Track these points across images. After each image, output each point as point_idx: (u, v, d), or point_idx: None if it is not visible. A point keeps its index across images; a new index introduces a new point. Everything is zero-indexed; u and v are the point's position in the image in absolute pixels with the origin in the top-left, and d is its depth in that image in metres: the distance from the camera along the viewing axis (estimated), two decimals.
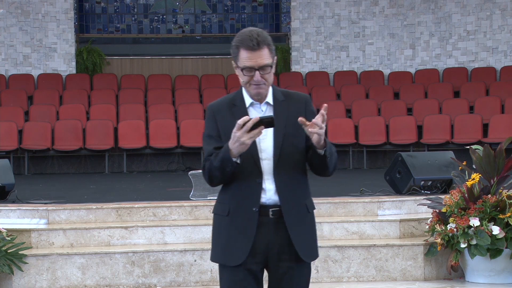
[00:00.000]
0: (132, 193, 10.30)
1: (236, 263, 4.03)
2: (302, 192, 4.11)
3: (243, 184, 4.03)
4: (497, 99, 16.03)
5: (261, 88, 4.03)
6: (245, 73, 4.00)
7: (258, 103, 4.09)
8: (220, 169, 3.98)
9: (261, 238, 4.03)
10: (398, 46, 17.51)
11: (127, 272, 7.46)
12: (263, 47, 3.97)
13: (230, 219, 4.05)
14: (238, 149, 3.90)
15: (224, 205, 4.08)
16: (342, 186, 10.09)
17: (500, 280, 7.44)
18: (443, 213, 7.48)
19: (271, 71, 4.03)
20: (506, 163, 7.49)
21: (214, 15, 18.29)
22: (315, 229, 4.17)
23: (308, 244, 4.10)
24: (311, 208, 4.14)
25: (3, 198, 8.78)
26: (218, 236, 4.11)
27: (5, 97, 16.50)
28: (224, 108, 4.11)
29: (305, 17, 17.64)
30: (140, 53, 18.14)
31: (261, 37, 3.98)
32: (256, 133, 3.86)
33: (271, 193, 4.03)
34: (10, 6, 17.13)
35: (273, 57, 4.03)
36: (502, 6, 17.06)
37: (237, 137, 3.86)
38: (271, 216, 4.03)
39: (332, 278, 7.61)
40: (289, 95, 4.15)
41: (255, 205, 4.01)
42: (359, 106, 16.39)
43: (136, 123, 15.72)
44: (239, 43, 3.99)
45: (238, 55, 4.01)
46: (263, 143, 4.04)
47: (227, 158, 3.94)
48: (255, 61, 3.97)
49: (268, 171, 4.03)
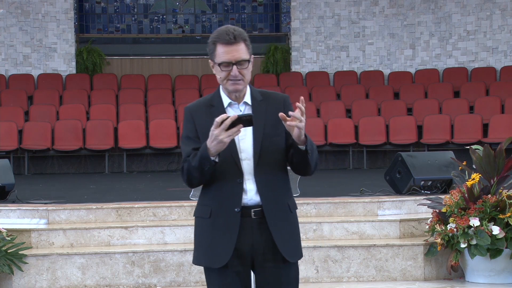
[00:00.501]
0: (132, 193, 10.30)
1: (220, 264, 3.98)
2: (283, 192, 4.07)
3: (223, 185, 3.99)
4: (497, 99, 16.03)
5: (238, 84, 3.98)
6: (222, 68, 3.97)
7: (236, 103, 4.05)
8: (198, 168, 3.93)
9: (245, 239, 3.99)
10: (398, 46, 17.51)
11: (127, 272, 7.46)
12: (240, 41, 3.95)
13: (212, 220, 4.01)
14: (216, 147, 3.85)
15: (205, 207, 4.04)
16: (342, 186, 10.10)
17: (500, 280, 7.44)
18: (443, 213, 7.48)
19: (248, 67, 3.99)
20: (506, 163, 7.49)
21: (214, 15, 18.29)
22: (298, 229, 4.12)
23: (291, 244, 4.06)
24: (293, 208, 4.10)
25: (3, 198, 8.77)
26: (201, 239, 4.07)
27: (5, 97, 16.51)
28: (202, 109, 4.07)
29: (305, 17, 17.64)
30: (140, 53, 18.14)
31: (238, 31, 3.96)
32: (234, 132, 3.82)
33: (252, 193, 4.00)
34: (10, 6, 17.13)
35: (250, 53, 4.01)
36: (502, 6, 17.06)
37: (215, 135, 3.82)
38: (253, 216, 3.99)
39: (332, 278, 7.61)
40: (267, 95, 4.11)
41: (236, 206, 3.97)
42: (359, 106, 16.39)
43: (136, 123, 15.72)
44: (216, 39, 3.97)
45: (214, 51, 3.98)
46: (243, 143, 4.00)
47: (205, 157, 3.88)
48: (232, 55, 3.94)
49: (248, 171, 3.99)
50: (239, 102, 4.05)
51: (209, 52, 4.02)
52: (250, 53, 4.02)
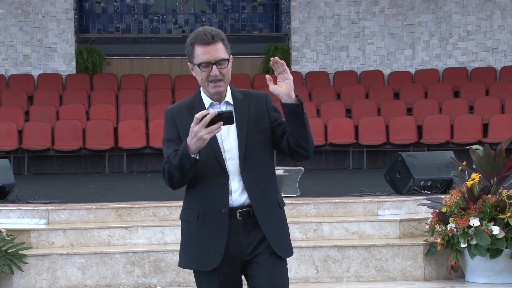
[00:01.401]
0: (132, 193, 10.30)
1: (210, 267, 3.96)
2: (271, 189, 4.05)
3: (208, 187, 3.97)
4: (497, 99, 16.03)
5: (219, 86, 3.97)
6: (202, 69, 3.94)
7: (217, 103, 4.03)
8: (179, 168, 3.88)
9: (233, 240, 3.97)
10: (398, 46, 17.51)
11: (127, 272, 7.46)
12: (218, 41, 3.94)
13: (200, 223, 3.98)
14: (197, 144, 3.81)
15: (192, 210, 4.02)
16: (342, 186, 10.10)
17: (500, 280, 7.44)
18: (443, 213, 7.48)
19: (228, 66, 3.97)
20: (506, 163, 7.49)
21: (214, 15, 18.29)
22: (287, 226, 4.11)
23: (283, 240, 4.05)
24: (282, 204, 4.09)
25: (3, 198, 8.77)
26: (189, 243, 4.03)
27: (5, 97, 16.51)
28: (183, 111, 4.05)
29: (305, 17, 17.64)
30: (140, 53, 18.14)
31: (215, 31, 3.95)
32: (214, 128, 3.78)
33: (237, 194, 3.97)
34: (10, 6, 17.13)
35: (229, 53, 3.99)
36: (502, 6, 17.06)
37: (194, 131, 3.78)
38: (239, 218, 3.97)
39: (332, 278, 7.61)
40: (248, 93, 4.10)
41: (224, 207, 3.95)
42: (359, 106, 16.39)
43: (136, 123, 15.72)
44: (194, 40, 3.95)
45: (193, 52, 3.96)
46: (226, 143, 3.98)
47: (185, 155, 3.84)
48: (211, 55, 3.93)
49: (233, 171, 3.97)
50: (220, 102, 4.03)
51: (188, 54, 4.00)
52: (229, 52, 4.00)
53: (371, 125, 15.68)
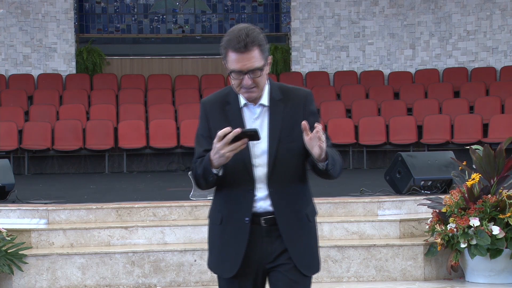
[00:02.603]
0: (132, 193, 10.30)
1: (228, 275, 3.83)
2: (300, 199, 3.84)
3: (234, 192, 3.81)
4: (497, 99, 16.04)
5: (252, 92, 3.75)
6: (234, 76, 3.71)
7: (252, 104, 3.81)
8: (203, 177, 3.76)
9: (254, 248, 3.81)
10: (398, 46, 17.51)
11: (127, 272, 7.46)
12: (252, 48, 3.67)
13: (222, 228, 3.85)
14: (219, 161, 3.65)
15: (217, 212, 3.88)
16: (342, 186, 10.08)
17: (500, 280, 7.44)
18: (443, 213, 7.48)
19: (262, 74, 3.72)
20: (506, 163, 7.49)
21: (214, 15, 18.29)
22: (316, 240, 3.90)
23: (307, 256, 3.84)
24: (312, 216, 3.88)
25: (3, 198, 8.77)
26: (212, 245, 3.93)
27: (5, 97, 16.51)
28: (217, 106, 3.84)
29: (305, 17, 17.64)
30: (140, 53, 18.14)
31: (250, 37, 3.66)
32: (238, 146, 3.61)
33: (263, 201, 3.79)
34: (10, 6, 17.13)
35: (265, 57, 3.72)
36: (502, 6, 17.06)
37: (217, 148, 3.61)
38: (263, 224, 3.80)
39: (332, 278, 7.61)
40: (287, 92, 3.85)
41: (246, 215, 3.78)
42: (359, 106, 16.39)
43: (136, 123, 15.72)
44: (227, 44, 3.69)
45: (226, 56, 3.71)
46: (256, 149, 3.78)
47: (207, 169, 3.71)
48: (243, 64, 3.67)
49: (261, 178, 3.78)
50: (256, 103, 3.81)
51: (222, 55, 3.76)
52: (266, 56, 3.72)
53: (371, 125, 15.68)
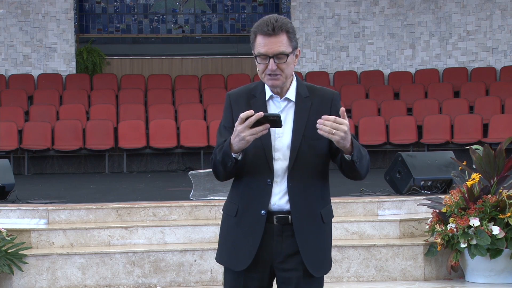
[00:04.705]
0: (132, 193, 10.30)
1: (240, 268, 3.79)
2: (317, 199, 3.81)
3: (252, 184, 3.77)
4: (497, 99, 16.04)
5: (276, 79, 3.73)
6: (259, 61, 3.72)
7: (278, 97, 3.80)
8: (222, 163, 3.72)
9: (266, 245, 3.77)
10: (398, 46, 17.51)
11: (127, 272, 7.46)
12: (280, 33, 3.69)
13: (238, 220, 3.80)
14: (239, 144, 3.62)
15: (233, 204, 3.83)
16: (342, 186, 10.08)
17: (500, 280, 7.44)
18: (443, 213, 7.48)
19: (288, 61, 3.72)
20: (506, 163, 7.49)
21: (214, 15, 18.29)
22: (329, 241, 3.87)
23: (318, 257, 3.81)
24: (327, 217, 3.85)
25: (3, 198, 8.77)
26: (225, 238, 3.88)
27: (5, 97, 16.51)
28: (243, 98, 3.83)
29: (305, 17, 17.64)
30: (140, 53, 18.14)
31: (279, 22, 3.69)
32: (259, 130, 3.58)
33: (277, 198, 3.77)
34: (10, 6, 17.13)
35: (293, 46, 3.73)
36: (502, 6, 17.06)
37: (238, 131, 3.60)
38: (275, 223, 3.77)
39: (332, 278, 7.61)
40: (315, 90, 3.84)
41: (263, 208, 3.75)
42: (359, 106, 16.39)
43: (136, 123, 15.72)
44: (256, 29, 3.73)
45: (254, 41, 3.73)
46: (279, 142, 3.76)
47: (227, 153, 3.68)
48: (269, 47, 3.68)
49: (280, 172, 3.76)
50: (282, 97, 3.80)
51: (251, 42, 3.77)
52: (294, 45, 3.74)
53: (371, 125, 15.68)
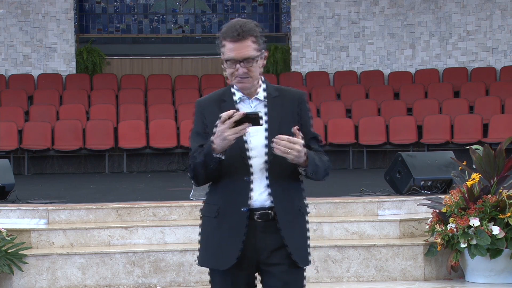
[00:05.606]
0: (132, 193, 10.30)
1: (225, 266, 3.85)
2: (295, 193, 3.94)
3: (230, 183, 3.84)
4: (497, 99, 16.04)
5: (245, 81, 3.84)
6: (228, 65, 3.81)
7: (248, 98, 3.90)
8: (203, 165, 3.79)
9: (249, 243, 3.84)
10: (398, 46, 17.51)
11: (127, 272, 7.46)
12: (247, 38, 3.79)
13: (219, 220, 3.87)
14: (221, 144, 3.70)
15: (212, 206, 3.90)
16: (342, 186, 10.09)
17: (500, 280, 7.44)
18: (443, 213, 7.48)
19: (256, 64, 3.82)
20: (506, 163, 7.49)
21: (214, 15, 18.29)
22: (308, 234, 3.98)
23: (302, 248, 3.92)
24: (304, 211, 3.97)
25: (3, 198, 8.77)
26: (207, 240, 3.93)
27: (5, 97, 16.51)
28: (213, 104, 3.92)
29: (305, 17, 17.64)
30: (140, 53, 18.14)
31: (246, 27, 3.79)
32: (240, 129, 3.67)
33: (258, 194, 3.85)
34: (10, 6, 17.13)
35: (260, 49, 3.84)
36: (502, 6, 17.06)
37: (220, 131, 3.68)
38: (257, 219, 3.85)
39: (332, 278, 7.61)
40: (282, 91, 3.95)
41: (244, 205, 3.83)
42: (359, 106, 16.39)
43: (136, 123, 15.72)
44: (224, 34, 3.82)
45: (222, 47, 3.83)
46: (253, 140, 3.85)
47: (209, 153, 3.74)
48: (237, 52, 3.78)
49: (257, 169, 3.84)
50: (252, 98, 3.90)
51: (218, 47, 3.86)
52: (261, 48, 3.85)
53: (371, 125, 15.68)
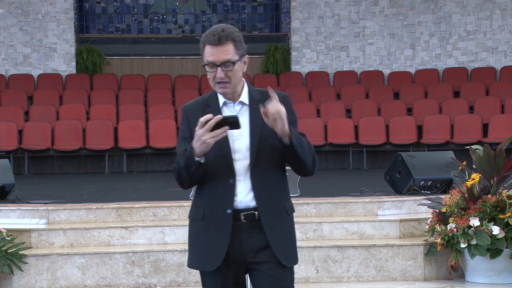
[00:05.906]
0: (132, 193, 10.30)
1: (212, 267, 3.92)
2: (280, 194, 3.98)
3: (215, 186, 3.92)
4: (497, 99, 16.04)
5: (225, 87, 3.93)
6: (208, 69, 3.93)
7: (231, 102, 3.98)
8: (185, 169, 3.87)
9: (235, 243, 3.91)
10: (398, 46, 17.51)
11: (127, 272, 7.46)
12: (226, 42, 3.88)
13: (205, 223, 3.94)
14: (201, 148, 3.78)
15: (198, 209, 3.98)
16: (342, 186, 10.11)
17: (500, 280, 7.44)
18: (443, 213, 7.48)
19: (235, 68, 3.90)
20: (506, 163, 7.49)
21: (214, 15, 18.29)
22: (294, 233, 4.03)
23: (287, 248, 3.96)
24: (290, 211, 4.01)
25: (3, 198, 8.77)
26: (194, 242, 4.01)
27: (5, 97, 16.51)
28: (198, 108, 4.00)
29: (305, 17, 17.64)
30: (140, 53, 18.14)
31: (225, 32, 3.88)
32: (219, 133, 3.75)
33: (243, 195, 3.91)
34: (10, 6, 17.13)
35: (240, 54, 3.92)
36: (502, 6, 17.06)
37: (198, 135, 3.77)
38: (243, 220, 3.91)
39: (332, 278, 7.61)
40: (266, 93, 3.98)
41: (228, 207, 3.90)
42: (359, 106, 16.39)
43: (136, 123, 15.72)
44: (204, 39, 3.92)
45: (203, 51, 3.94)
46: (238, 143, 3.92)
47: (190, 157, 3.82)
48: (216, 56, 3.88)
49: (241, 172, 3.91)
50: (235, 102, 3.98)
51: (200, 51, 3.97)
52: (241, 53, 3.93)
53: (371, 125, 15.68)
